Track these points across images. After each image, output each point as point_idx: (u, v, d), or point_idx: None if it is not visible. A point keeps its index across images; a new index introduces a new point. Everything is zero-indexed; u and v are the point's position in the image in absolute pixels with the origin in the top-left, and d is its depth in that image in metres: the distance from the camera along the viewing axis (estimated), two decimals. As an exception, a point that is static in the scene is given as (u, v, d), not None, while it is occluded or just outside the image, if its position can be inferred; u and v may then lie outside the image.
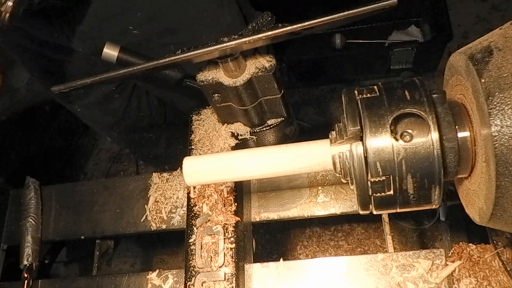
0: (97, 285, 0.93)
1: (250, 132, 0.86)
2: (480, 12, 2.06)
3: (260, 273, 0.85)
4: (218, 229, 0.81)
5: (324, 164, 0.58)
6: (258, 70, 0.74)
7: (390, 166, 0.51)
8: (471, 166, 0.56)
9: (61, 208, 1.07)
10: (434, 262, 0.79)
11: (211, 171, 0.61)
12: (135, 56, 0.87)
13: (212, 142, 0.90)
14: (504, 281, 0.80)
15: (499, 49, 0.51)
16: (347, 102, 0.55)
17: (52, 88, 0.66)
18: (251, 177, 0.62)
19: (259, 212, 0.96)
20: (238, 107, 0.79)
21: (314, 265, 0.85)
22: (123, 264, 1.95)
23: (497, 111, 0.48)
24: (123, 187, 1.05)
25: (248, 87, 0.75)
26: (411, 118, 0.52)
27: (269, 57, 0.75)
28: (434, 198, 0.53)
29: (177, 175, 1.01)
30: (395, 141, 0.51)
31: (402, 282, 0.79)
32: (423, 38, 1.95)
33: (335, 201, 0.94)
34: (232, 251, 0.79)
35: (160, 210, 0.98)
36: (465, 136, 0.54)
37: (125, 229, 1.01)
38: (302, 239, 1.79)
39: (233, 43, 0.63)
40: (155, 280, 0.88)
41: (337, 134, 0.58)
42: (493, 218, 0.53)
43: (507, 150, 0.48)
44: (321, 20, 0.61)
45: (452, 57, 0.59)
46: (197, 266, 0.79)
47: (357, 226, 1.77)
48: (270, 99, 0.79)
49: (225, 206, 0.83)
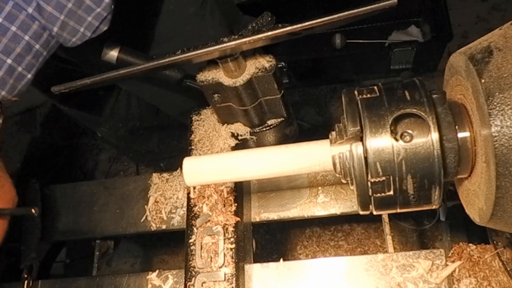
0: (97, 285, 0.93)
1: (250, 132, 0.86)
2: (480, 12, 2.06)
3: (260, 273, 0.85)
4: (218, 229, 0.81)
5: (324, 164, 0.58)
6: (258, 70, 0.74)
7: (390, 167, 0.51)
8: (471, 167, 0.56)
9: (61, 208, 1.07)
10: (434, 262, 0.79)
11: (211, 172, 0.61)
12: (135, 56, 0.87)
13: (212, 142, 0.90)
14: (504, 281, 0.80)
15: (499, 49, 0.51)
16: (347, 102, 0.55)
17: (52, 88, 0.66)
18: (251, 177, 0.62)
19: (259, 212, 0.96)
20: (238, 107, 0.79)
21: (314, 265, 0.85)
22: (123, 264, 1.95)
23: (497, 112, 0.48)
24: (123, 187, 1.05)
25: (248, 87, 0.75)
26: (411, 118, 0.52)
27: (269, 57, 0.75)
28: (434, 199, 0.53)
29: (177, 175, 1.01)
30: (395, 141, 0.51)
31: (402, 282, 0.79)
32: (423, 38, 1.95)
33: (335, 201, 0.94)
34: (232, 252, 0.79)
35: (160, 211, 0.98)
36: (465, 137, 0.54)
37: (125, 229, 1.01)
38: (302, 239, 1.79)
39: (233, 43, 0.63)
40: (155, 280, 0.88)
41: (337, 134, 0.58)
42: (493, 218, 0.53)
43: (507, 150, 0.47)
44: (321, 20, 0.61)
45: (452, 57, 0.59)
46: (197, 267, 0.79)
47: (357, 226, 1.77)
48: (270, 99, 0.79)
49: (225, 206, 0.83)
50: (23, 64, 0.71)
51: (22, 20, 0.68)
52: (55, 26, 0.71)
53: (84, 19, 0.73)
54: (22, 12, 0.68)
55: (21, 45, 0.69)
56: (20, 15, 0.68)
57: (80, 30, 0.74)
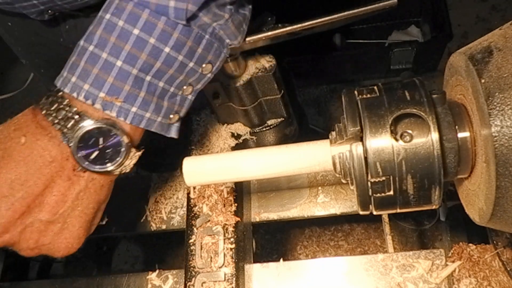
0: (97, 285, 0.93)
1: (250, 132, 0.87)
2: (480, 12, 2.06)
3: (260, 273, 0.85)
4: (218, 229, 0.81)
5: (324, 164, 0.58)
6: (258, 71, 0.74)
7: (390, 167, 0.51)
8: (471, 167, 0.56)
9: (61, 208, 1.07)
10: (434, 262, 0.79)
11: (211, 172, 0.61)
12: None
13: (212, 142, 0.90)
14: (504, 281, 0.80)
15: (499, 49, 0.51)
16: (347, 102, 0.55)
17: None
18: (251, 177, 0.62)
19: (259, 212, 0.96)
20: (238, 107, 0.79)
21: (314, 265, 0.85)
22: (123, 264, 1.95)
23: (497, 112, 0.48)
24: (123, 187, 1.04)
25: (248, 87, 0.75)
26: (411, 118, 0.52)
27: (269, 57, 0.75)
28: (434, 199, 0.53)
29: (177, 175, 1.01)
30: (395, 141, 0.51)
31: (402, 282, 0.79)
32: (423, 38, 1.95)
33: (335, 201, 0.94)
34: (232, 252, 0.79)
35: (160, 211, 0.98)
36: (465, 137, 0.54)
37: (125, 229, 1.01)
38: (302, 239, 1.79)
39: (233, 43, 0.63)
40: (155, 280, 0.88)
41: (337, 134, 0.58)
42: (493, 218, 0.53)
43: (507, 150, 0.47)
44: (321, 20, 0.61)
45: (452, 57, 0.59)
46: (197, 267, 0.79)
47: (357, 226, 1.77)
48: (270, 99, 0.79)
49: (225, 206, 0.83)
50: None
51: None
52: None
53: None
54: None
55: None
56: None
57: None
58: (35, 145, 0.57)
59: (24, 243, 0.61)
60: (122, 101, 0.56)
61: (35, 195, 0.58)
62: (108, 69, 0.55)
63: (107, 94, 0.55)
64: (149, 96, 0.58)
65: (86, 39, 0.56)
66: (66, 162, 0.58)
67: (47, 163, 0.57)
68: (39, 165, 0.57)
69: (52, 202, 0.59)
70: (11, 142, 0.58)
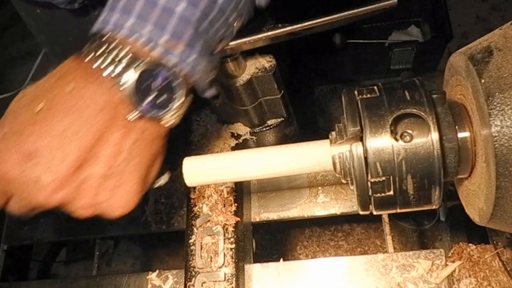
0: (97, 285, 0.93)
1: (250, 132, 0.86)
2: (480, 12, 2.06)
3: (260, 273, 0.85)
4: (218, 229, 0.81)
5: (324, 164, 0.58)
6: (258, 71, 0.74)
7: (390, 167, 0.51)
8: (471, 167, 0.56)
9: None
10: (434, 262, 0.79)
11: (211, 172, 0.61)
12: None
13: (212, 142, 0.90)
14: (504, 281, 0.80)
15: (499, 49, 0.51)
16: (347, 102, 0.55)
17: None
18: (251, 177, 0.62)
19: (259, 212, 0.96)
20: (238, 107, 0.79)
21: (314, 265, 0.85)
22: (123, 264, 1.95)
23: (497, 112, 0.48)
24: (123, 187, 1.04)
25: (248, 87, 0.75)
26: (411, 118, 0.52)
27: (269, 57, 0.75)
28: (434, 199, 0.53)
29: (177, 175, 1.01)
30: (395, 141, 0.51)
31: (402, 282, 0.79)
32: (423, 38, 1.95)
33: (335, 201, 0.94)
34: (232, 252, 0.79)
35: (160, 211, 0.98)
36: (465, 137, 0.54)
37: (125, 229, 1.01)
38: (302, 239, 1.79)
39: (233, 43, 0.63)
40: (155, 280, 0.88)
41: (337, 134, 0.58)
42: (493, 218, 0.53)
43: (507, 150, 0.47)
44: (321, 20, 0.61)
45: (452, 57, 0.59)
46: (197, 267, 0.79)
47: (357, 226, 1.77)
48: (270, 99, 0.79)
49: (225, 206, 0.83)
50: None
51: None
52: None
53: None
54: None
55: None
56: None
57: None
58: (84, 91, 0.52)
59: (79, 201, 0.56)
60: (186, 45, 0.53)
61: (88, 146, 0.52)
62: (169, 14, 0.52)
63: (171, 37, 0.52)
64: (206, 45, 0.56)
65: None
66: (118, 108, 0.53)
67: (98, 110, 0.52)
68: (89, 113, 0.52)
69: (107, 153, 0.54)
70: (57, 91, 0.53)
